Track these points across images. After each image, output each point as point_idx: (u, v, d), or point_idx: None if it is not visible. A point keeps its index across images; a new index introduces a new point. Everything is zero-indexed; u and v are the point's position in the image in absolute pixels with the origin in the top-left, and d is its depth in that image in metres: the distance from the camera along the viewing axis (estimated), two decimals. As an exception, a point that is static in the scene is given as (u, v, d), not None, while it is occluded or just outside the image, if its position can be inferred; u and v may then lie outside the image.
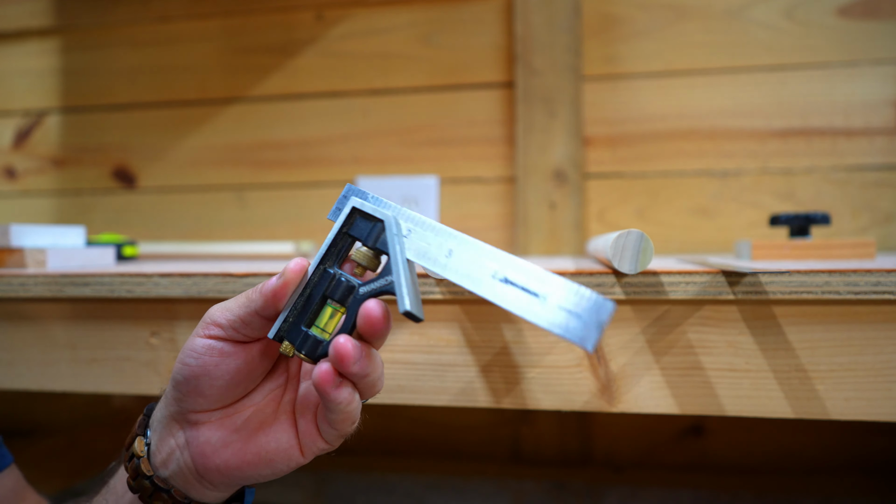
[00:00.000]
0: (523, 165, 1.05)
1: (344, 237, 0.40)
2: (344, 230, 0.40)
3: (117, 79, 1.22)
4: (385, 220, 0.39)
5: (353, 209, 0.40)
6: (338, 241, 0.40)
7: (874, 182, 0.98)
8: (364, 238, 0.40)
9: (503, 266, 0.37)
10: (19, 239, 0.65)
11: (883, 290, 0.44)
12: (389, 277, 0.38)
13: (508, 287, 0.36)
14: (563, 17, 1.04)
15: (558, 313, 0.34)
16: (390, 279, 0.38)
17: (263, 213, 1.17)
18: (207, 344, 0.40)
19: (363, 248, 0.40)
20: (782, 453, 1.03)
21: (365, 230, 0.40)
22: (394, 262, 0.38)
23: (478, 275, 0.37)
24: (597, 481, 1.07)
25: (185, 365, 0.40)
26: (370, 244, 0.40)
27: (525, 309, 0.35)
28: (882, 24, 0.98)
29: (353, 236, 0.40)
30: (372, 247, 0.40)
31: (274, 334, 0.39)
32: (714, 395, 0.48)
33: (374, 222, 0.40)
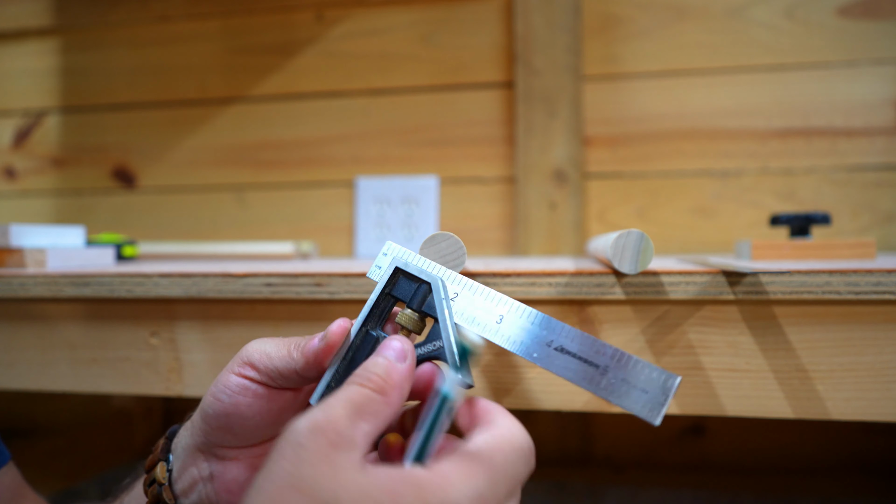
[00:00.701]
0: (523, 165, 1.05)
1: (386, 298, 0.39)
2: (386, 290, 0.39)
3: (117, 79, 1.22)
4: (432, 283, 0.38)
5: (397, 269, 0.39)
6: (380, 302, 0.39)
7: (874, 182, 0.98)
8: (408, 300, 0.39)
9: (559, 335, 0.36)
10: (19, 239, 0.65)
11: (883, 290, 0.44)
12: (438, 343, 0.37)
13: (566, 357, 0.35)
14: (564, 17, 1.04)
15: (620, 386, 0.34)
16: (439, 345, 0.37)
17: (263, 213, 1.17)
18: (241, 384, 0.39)
19: (408, 311, 0.39)
20: (782, 453, 1.03)
21: (409, 291, 0.39)
22: (443, 327, 0.37)
23: (533, 343, 0.36)
24: (597, 481, 1.07)
25: (216, 400, 0.40)
26: (415, 307, 0.38)
27: (586, 380, 0.35)
28: (882, 24, 0.98)
29: (396, 297, 0.39)
30: (417, 309, 0.38)
31: (317, 400, 0.38)
32: (714, 395, 0.48)
33: (419, 283, 0.39)
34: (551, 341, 0.36)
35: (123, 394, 0.59)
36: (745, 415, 0.47)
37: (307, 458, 0.28)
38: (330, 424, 0.29)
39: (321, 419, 0.30)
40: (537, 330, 0.36)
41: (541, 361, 0.36)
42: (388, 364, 0.34)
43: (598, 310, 0.49)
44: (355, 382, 0.32)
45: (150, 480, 0.42)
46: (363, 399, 0.31)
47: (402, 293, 0.39)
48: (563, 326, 0.36)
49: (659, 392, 0.33)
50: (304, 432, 0.29)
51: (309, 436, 0.29)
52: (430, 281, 0.38)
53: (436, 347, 0.37)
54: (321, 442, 0.29)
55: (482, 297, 0.38)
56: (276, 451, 0.29)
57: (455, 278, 0.39)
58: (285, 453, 0.29)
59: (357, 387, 0.32)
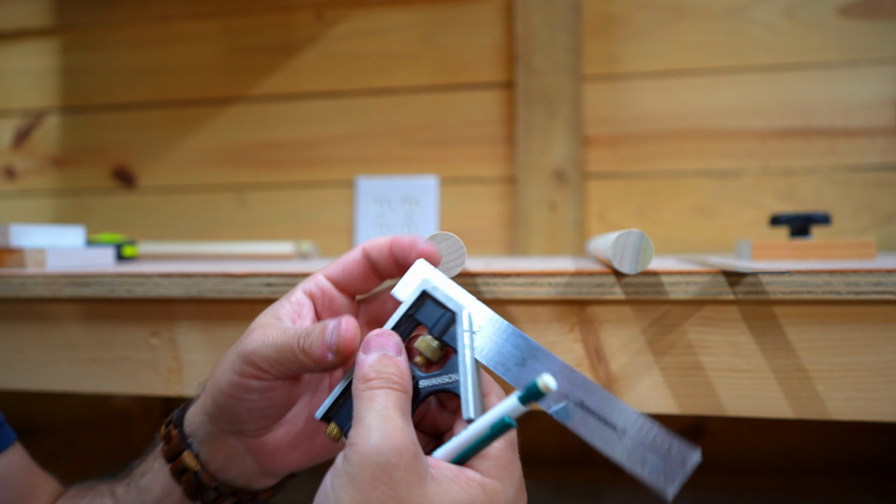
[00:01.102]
0: (523, 165, 1.05)
1: (409, 320, 0.38)
2: (411, 313, 0.38)
3: (117, 79, 1.22)
4: (457, 313, 0.37)
5: (424, 292, 0.38)
6: (402, 324, 0.38)
7: (874, 182, 0.98)
8: (431, 326, 0.37)
9: (579, 389, 0.35)
10: (19, 239, 0.65)
11: (883, 290, 0.44)
12: (454, 376, 0.36)
13: (584, 413, 0.34)
14: (564, 16, 1.04)
15: (637, 451, 0.33)
16: (454, 378, 0.36)
17: (263, 213, 1.17)
18: (245, 384, 0.39)
19: (428, 338, 0.37)
20: (782, 453, 1.03)
21: (433, 317, 0.37)
22: (461, 362, 0.36)
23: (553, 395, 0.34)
24: (597, 481, 1.07)
25: (223, 399, 0.40)
26: (436, 334, 0.37)
27: (600, 439, 0.34)
28: (882, 24, 0.98)
29: (419, 321, 0.38)
30: (438, 338, 0.37)
31: (322, 415, 0.37)
32: (714, 395, 0.48)
33: (445, 311, 0.37)
34: (570, 393, 0.35)
35: (123, 394, 0.59)
36: (745, 415, 0.47)
37: (399, 478, 0.31)
38: (406, 437, 0.32)
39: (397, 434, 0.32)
40: (559, 382, 0.35)
41: (559, 415, 0.34)
42: (396, 360, 0.35)
43: (598, 310, 0.49)
44: (385, 387, 0.33)
45: (181, 470, 0.42)
46: (404, 402, 0.34)
47: (426, 318, 0.38)
48: (584, 379, 0.35)
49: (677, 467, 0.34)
50: (390, 450, 0.31)
51: (395, 454, 0.31)
52: (455, 310, 0.37)
53: (451, 381, 0.36)
54: (407, 458, 0.31)
55: (506, 334, 0.37)
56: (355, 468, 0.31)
57: (481, 310, 0.37)
58: (375, 474, 0.30)
59: (396, 393, 0.34)
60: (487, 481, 0.33)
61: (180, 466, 0.42)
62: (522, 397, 0.31)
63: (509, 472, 0.34)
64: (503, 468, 0.34)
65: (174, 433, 0.43)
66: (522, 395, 0.31)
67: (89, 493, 0.49)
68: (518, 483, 0.35)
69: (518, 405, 0.32)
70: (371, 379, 0.34)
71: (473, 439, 0.33)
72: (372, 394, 0.33)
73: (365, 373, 0.34)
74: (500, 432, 0.32)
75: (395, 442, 0.31)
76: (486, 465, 0.34)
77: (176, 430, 0.43)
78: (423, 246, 0.39)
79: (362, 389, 0.34)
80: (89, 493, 0.49)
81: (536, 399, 0.31)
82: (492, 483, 0.33)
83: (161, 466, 0.44)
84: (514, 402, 0.32)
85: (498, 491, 0.33)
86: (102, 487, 0.48)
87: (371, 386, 0.34)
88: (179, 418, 0.44)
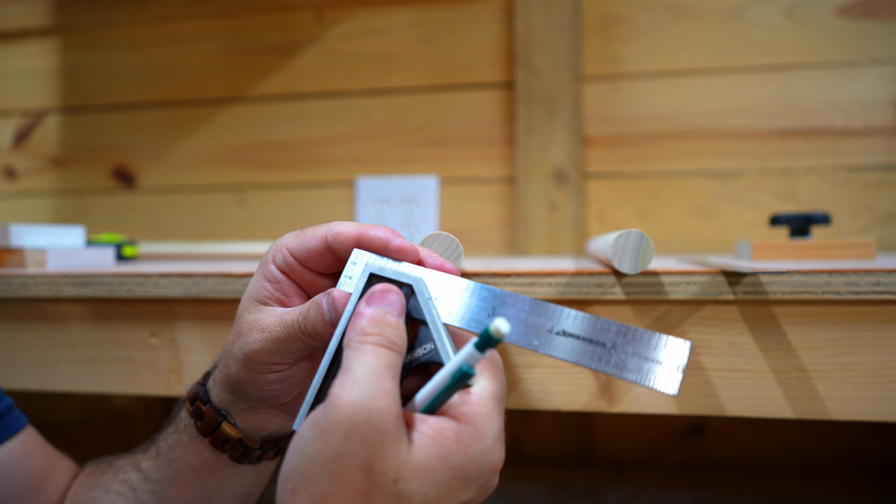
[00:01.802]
0: (523, 165, 1.05)
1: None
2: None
3: (117, 79, 1.22)
4: (415, 284, 0.36)
5: (372, 275, 0.36)
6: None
7: (874, 182, 0.98)
8: None
9: (558, 320, 0.34)
10: (19, 239, 0.65)
11: (883, 291, 0.44)
12: (429, 346, 0.35)
13: (569, 340, 0.34)
14: (564, 16, 1.04)
15: (631, 360, 0.33)
16: (430, 348, 0.35)
17: (263, 213, 1.17)
18: (262, 378, 0.40)
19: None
20: (782, 453, 1.03)
21: None
22: (433, 328, 0.35)
23: (530, 332, 0.34)
24: (597, 481, 1.07)
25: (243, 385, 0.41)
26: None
27: (594, 360, 0.34)
28: (882, 24, 0.98)
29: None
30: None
31: (301, 420, 0.36)
32: (714, 395, 0.48)
33: (400, 286, 0.36)
34: (552, 327, 0.34)
35: (123, 394, 0.59)
36: (745, 415, 0.47)
37: (377, 443, 0.29)
38: (390, 404, 0.30)
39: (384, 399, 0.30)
40: (533, 318, 0.35)
41: (543, 348, 0.34)
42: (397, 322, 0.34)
43: (598, 310, 0.49)
44: (383, 344, 0.32)
45: (222, 441, 0.43)
46: (397, 364, 0.33)
47: None
48: (561, 310, 0.35)
49: (672, 360, 0.33)
50: (373, 413, 0.30)
51: (378, 418, 0.30)
52: (411, 283, 0.36)
53: (427, 351, 0.35)
54: (388, 423, 0.30)
55: (468, 292, 0.36)
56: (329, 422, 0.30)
57: (437, 276, 0.37)
58: (351, 434, 0.29)
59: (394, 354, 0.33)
60: (462, 427, 0.32)
61: (221, 437, 0.43)
62: (478, 344, 0.31)
63: (487, 420, 0.33)
64: (480, 414, 0.33)
65: (205, 409, 0.43)
66: (478, 343, 0.31)
67: (109, 469, 0.50)
68: (496, 433, 0.33)
69: (474, 352, 0.31)
70: (369, 333, 0.33)
71: (437, 390, 0.33)
72: (367, 347, 0.32)
73: (363, 326, 0.33)
74: (460, 381, 0.32)
75: (380, 404, 0.30)
76: (463, 410, 0.33)
77: (206, 406, 0.43)
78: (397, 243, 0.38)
79: (358, 342, 0.32)
80: (109, 470, 0.50)
81: (493, 345, 0.31)
82: (467, 429, 0.32)
83: (192, 439, 0.45)
84: (470, 349, 0.31)
85: (474, 438, 0.32)
86: (122, 462, 0.49)
87: (367, 340, 0.32)
88: (205, 394, 0.44)
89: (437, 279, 0.37)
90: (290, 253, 0.40)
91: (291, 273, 0.40)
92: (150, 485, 0.46)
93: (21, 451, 0.50)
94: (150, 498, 0.46)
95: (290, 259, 0.40)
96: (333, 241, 0.39)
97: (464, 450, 0.31)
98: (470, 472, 0.32)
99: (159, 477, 0.46)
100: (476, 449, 0.32)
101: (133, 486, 0.47)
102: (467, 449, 0.31)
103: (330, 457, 0.29)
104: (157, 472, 0.46)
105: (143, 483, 0.46)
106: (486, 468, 0.32)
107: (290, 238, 0.41)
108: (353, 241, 0.38)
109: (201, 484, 0.45)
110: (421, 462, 0.30)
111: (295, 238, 0.40)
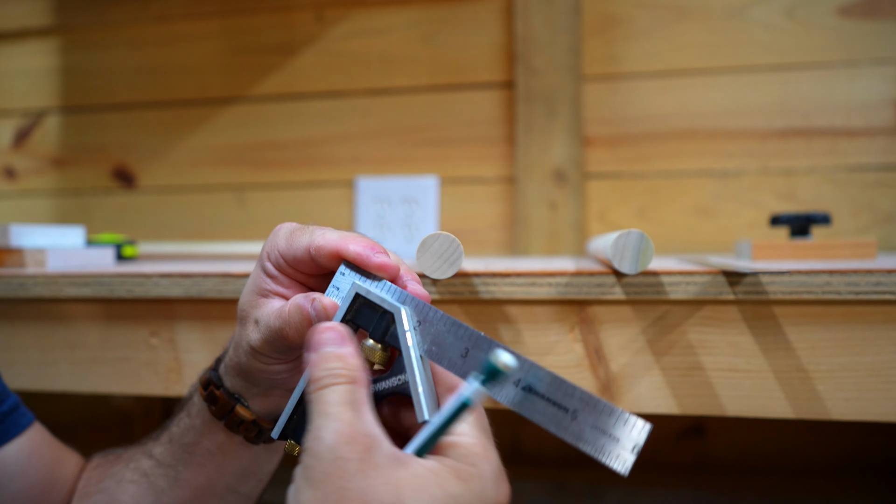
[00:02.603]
0: (523, 165, 1.05)
1: (348, 325, 0.37)
2: (348, 317, 0.37)
3: (117, 79, 1.22)
4: (395, 313, 0.36)
5: (357, 295, 0.37)
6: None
7: (875, 182, 0.98)
8: (371, 330, 0.36)
9: (527, 373, 0.34)
10: (19, 239, 0.65)
11: (883, 291, 0.44)
12: (402, 377, 0.35)
13: (533, 397, 0.34)
14: (564, 16, 1.04)
15: (589, 432, 0.33)
16: (403, 379, 0.35)
17: (263, 213, 1.17)
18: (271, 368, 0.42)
19: (370, 343, 0.36)
20: (782, 453, 1.03)
21: (371, 320, 0.36)
22: (408, 363, 0.35)
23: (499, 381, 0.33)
24: (597, 481, 1.07)
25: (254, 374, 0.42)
26: (378, 337, 0.36)
27: (552, 423, 0.33)
28: (882, 24, 0.98)
29: (359, 325, 0.37)
30: (380, 340, 0.36)
31: (279, 434, 0.37)
32: (714, 395, 0.48)
33: (382, 313, 0.36)
34: (519, 380, 0.34)
35: (123, 394, 0.59)
36: (745, 415, 0.47)
37: (354, 469, 0.30)
38: (354, 429, 0.31)
39: (345, 428, 0.31)
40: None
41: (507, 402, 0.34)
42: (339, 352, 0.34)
43: (598, 310, 0.49)
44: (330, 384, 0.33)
45: (237, 423, 0.45)
46: (351, 394, 0.32)
47: (364, 322, 0.37)
48: (531, 364, 0.34)
49: (629, 440, 0.33)
50: (339, 445, 0.30)
51: (346, 447, 0.30)
52: (392, 311, 0.36)
53: (400, 382, 0.35)
54: (358, 449, 0.30)
55: (446, 326, 0.36)
56: (310, 471, 0.30)
57: (418, 305, 0.36)
58: (327, 471, 0.30)
59: (342, 387, 0.33)
60: (462, 467, 0.32)
61: (236, 420, 0.44)
62: (484, 379, 0.30)
63: (485, 458, 0.33)
64: (478, 454, 0.33)
65: (219, 394, 0.45)
66: (484, 378, 0.30)
67: (118, 460, 0.51)
68: (495, 469, 0.33)
69: (479, 388, 0.31)
70: (318, 378, 0.33)
71: (437, 423, 0.32)
72: (319, 394, 0.33)
73: (313, 374, 0.34)
74: (459, 412, 0.31)
75: (344, 436, 0.30)
76: (460, 452, 0.33)
77: (220, 391, 0.45)
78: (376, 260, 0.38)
79: (311, 392, 0.33)
80: (119, 461, 0.51)
81: (497, 378, 0.30)
82: (467, 469, 0.32)
83: (206, 423, 0.46)
84: (475, 385, 0.31)
85: (473, 475, 0.32)
86: (132, 453, 0.50)
87: (318, 386, 0.33)
88: (218, 378, 0.45)
89: (417, 308, 0.36)
90: (280, 256, 0.41)
91: (284, 271, 0.41)
92: (164, 469, 0.47)
93: (30, 448, 0.50)
94: (164, 482, 0.47)
95: (281, 262, 0.41)
96: (316, 253, 0.39)
97: (464, 484, 0.31)
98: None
99: (173, 461, 0.47)
100: (477, 485, 0.32)
101: (146, 473, 0.48)
102: (468, 483, 0.32)
103: (321, 499, 0.30)
104: (171, 457, 0.47)
105: (157, 468, 0.47)
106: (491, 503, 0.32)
107: (281, 240, 0.41)
108: (332, 255, 0.38)
109: (216, 465, 0.46)
110: (420, 486, 0.30)
111: (285, 241, 0.41)
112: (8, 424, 0.50)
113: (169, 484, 0.47)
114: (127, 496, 0.48)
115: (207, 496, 0.47)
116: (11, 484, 0.49)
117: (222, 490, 0.47)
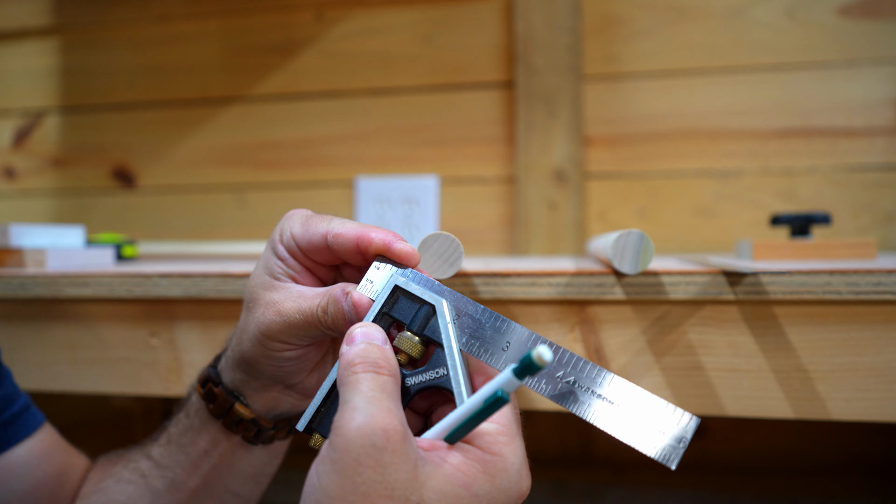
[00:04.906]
0: (523, 165, 1.05)
1: (384, 318, 0.36)
2: (384, 310, 0.36)
3: (117, 79, 1.22)
4: (437, 305, 0.35)
5: (396, 287, 0.36)
6: (377, 323, 0.36)
7: (875, 182, 0.98)
8: (409, 322, 0.36)
9: (569, 369, 0.33)
10: (19, 239, 0.65)
11: (884, 291, 0.44)
12: (441, 370, 0.35)
13: (577, 390, 0.33)
14: (564, 16, 1.04)
15: (635, 425, 0.33)
16: (442, 373, 0.35)
17: (263, 213, 1.17)
18: (276, 355, 0.41)
19: (408, 335, 0.36)
20: (782, 453, 1.03)
21: (410, 313, 0.36)
22: (449, 355, 0.35)
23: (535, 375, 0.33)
24: (597, 481, 1.07)
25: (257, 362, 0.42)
26: (416, 330, 0.36)
27: (598, 416, 0.33)
28: (882, 24, 0.98)
29: (395, 318, 0.36)
30: (419, 333, 0.36)
31: (304, 426, 0.36)
32: (715, 395, 0.48)
33: (421, 304, 0.36)
34: (561, 374, 0.34)
35: (123, 394, 0.59)
36: (745, 415, 0.47)
37: (386, 461, 0.29)
38: (390, 418, 0.30)
39: (382, 415, 0.30)
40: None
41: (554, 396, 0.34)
42: (380, 346, 0.34)
43: (599, 310, 0.49)
44: (370, 370, 0.32)
45: (236, 421, 0.44)
46: (389, 384, 0.32)
47: (402, 314, 0.36)
48: (576, 358, 0.33)
49: (674, 439, 0.32)
50: (374, 432, 0.29)
51: (380, 435, 0.29)
52: (433, 303, 0.35)
53: (438, 375, 0.35)
54: (395, 440, 0.29)
55: (486, 318, 0.36)
56: (339, 453, 0.29)
57: (457, 298, 0.36)
58: (359, 458, 0.29)
59: (382, 376, 0.32)
60: (489, 458, 0.31)
61: (235, 419, 0.44)
62: (517, 370, 0.30)
63: (512, 449, 0.32)
64: (505, 444, 0.32)
65: (217, 391, 0.44)
66: (517, 368, 0.30)
67: (119, 461, 0.51)
68: (521, 461, 0.33)
69: (513, 379, 0.30)
70: (356, 364, 0.32)
71: (466, 415, 0.32)
72: (357, 378, 0.32)
73: (350, 359, 0.33)
74: (494, 407, 0.31)
75: (382, 423, 0.29)
76: (487, 441, 0.32)
77: (218, 388, 0.44)
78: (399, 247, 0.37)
79: (347, 375, 0.32)
80: (119, 461, 0.51)
81: (532, 372, 0.30)
82: (493, 460, 0.31)
83: (204, 423, 0.45)
84: (508, 375, 0.30)
85: (499, 469, 0.31)
86: (133, 454, 0.50)
87: (356, 370, 0.32)
88: (217, 375, 0.45)
89: (456, 301, 0.36)
90: (293, 240, 0.40)
91: (296, 256, 0.41)
92: (161, 471, 0.47)
93: (40, 449, 0.50)
94: (160, 484, 0.47)
95: (294, 246, 0.40)
96: (333, 241, 0.38)
97: (489, 479, 0.31)
98: (498, 502, 0.31)
99: (171, 462, 0.47)
100: (502, 479, 0.31)
101: (144, 474, 0.48)
102: (493, 479, 0.31)
103: (349, 487, 0.29)
104: (169, 458, 0.47)
105: (154, 470, 0.47)
106: (515, 497, 0.32)
107: (296, 224, 0.40)
108: (352, 243, 0.38)
109: (213, 467, 0.46)
110: (444, 487, 0.30)
111: (300, 226, 0.40)
112: (19, 425, 0.50)
113: (166, 486, 0.47)
114: (124, 497, 0.48)
115: (205, 498, 0.47)
116: (21, 485, 0.49)
117: (220, 492, 0.47)
